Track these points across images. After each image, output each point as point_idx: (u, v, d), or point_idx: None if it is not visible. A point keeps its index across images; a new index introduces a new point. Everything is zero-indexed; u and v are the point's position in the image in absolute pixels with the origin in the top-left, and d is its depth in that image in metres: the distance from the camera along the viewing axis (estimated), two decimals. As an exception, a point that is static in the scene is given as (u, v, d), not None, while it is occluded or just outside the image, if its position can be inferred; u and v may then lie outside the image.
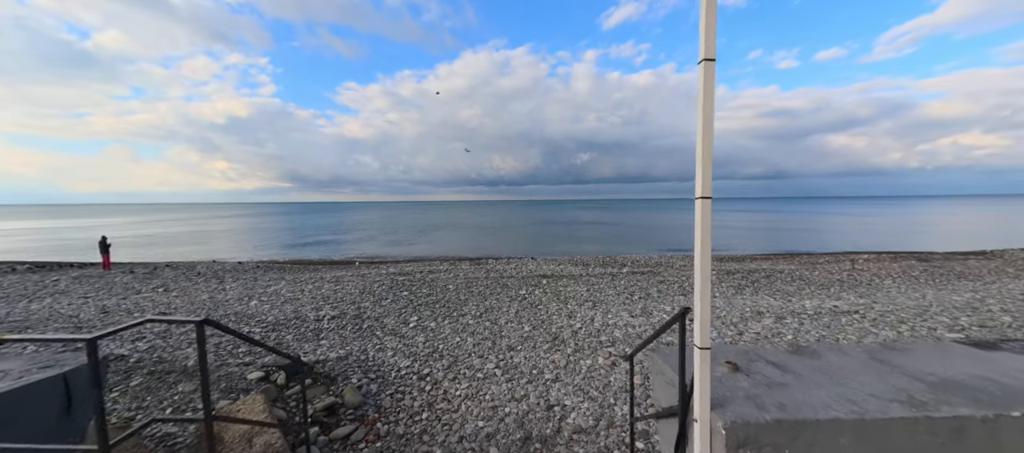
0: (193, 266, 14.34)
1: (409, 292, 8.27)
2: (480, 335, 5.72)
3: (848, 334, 5.16)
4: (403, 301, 7.59)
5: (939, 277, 9.16)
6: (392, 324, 6.28)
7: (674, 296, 7.69)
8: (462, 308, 7.09)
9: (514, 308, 7.01)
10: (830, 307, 6.59)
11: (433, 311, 6.94)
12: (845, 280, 8.97)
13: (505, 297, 7.82)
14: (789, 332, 5.32)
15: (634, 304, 7.13)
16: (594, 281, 9.28)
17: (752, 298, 7.44)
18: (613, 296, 7.74)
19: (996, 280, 8.69)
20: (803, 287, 8.36)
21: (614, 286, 8.67)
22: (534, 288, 8.57)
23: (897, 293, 7.64)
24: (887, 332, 5.20)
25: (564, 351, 5.02)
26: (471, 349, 5.22)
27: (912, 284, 8.45)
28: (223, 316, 6.70)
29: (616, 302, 7.29)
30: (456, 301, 7.57)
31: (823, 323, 5.67)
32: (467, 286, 8.85)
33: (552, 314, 6.59)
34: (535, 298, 7.69)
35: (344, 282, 9.37)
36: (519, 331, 5.82)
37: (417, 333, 5.87)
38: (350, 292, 8.30)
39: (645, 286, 8.63)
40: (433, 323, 6.30)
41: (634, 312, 6.58)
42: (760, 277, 9.46)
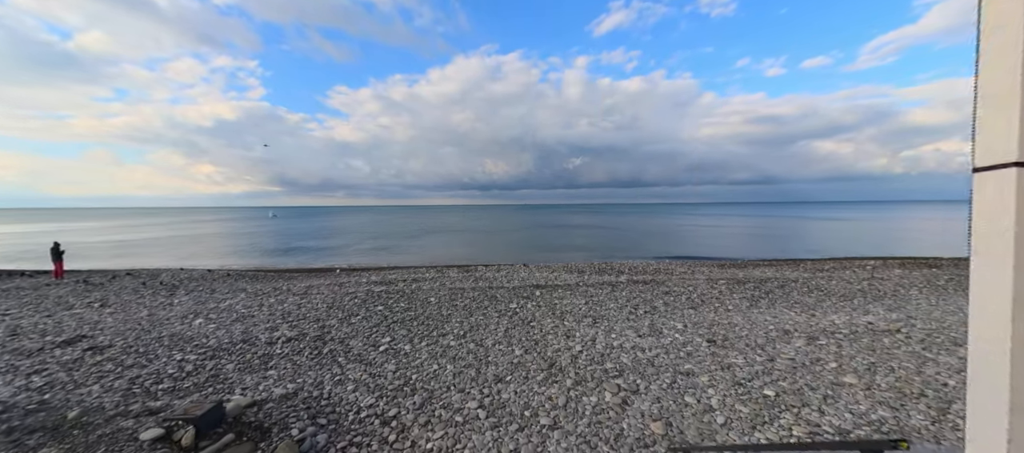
0: (157, 274, 13.18)
1: (385, 306, 7.30)
2: (462, 361, 4.78)
3: (902, 361, 4.33)
4: (376, 317, 6.62)
5: (967, 286, 8.44)
6: (359, 347, 5.32)
7: (683, 310, 6.83)
8: (444, 325, 6.15)
9: (503, 325, 6.09)
10: (864, 324, 5.78)
11: (410, 330, 5.99)
12: (867, 291, 8.20)
13: (494, 312, 6.89)
14: (830, 358, 4.47)
15: (639, 320, 6.25)
16: (592, 292, 8.40)
17: (771, 312, 6.62)
18: (615, 310, 6.86)
19: None
20: (823, 299, 7.57)
21: (614, 298, 7.80)
22: (526, 301, 7.66)
23: (930, 306, 6.87)
24: (946, 357, 4.38)
25: (563, 383, 4.11)
26: (450, 380, 4.29)
27: (941, 294, 7.71)
28: (155, 339, 5.67)
29: (619, 317, 6.40)
30: (437, 317, 6.63)
31: (864, 345, 4.84)
32: (451, 298, 7.90)
33: (547, 333, 5.68)
34: (527, 313, 6.78)
35: (312, 295, 8.36)
36: (508, 356, 4.90)
37: (388, 359, 4.92)
38: (316, 307, 7.31)
39: (649, 298, 7.77)
40: (408, 345, 5.35)
41: (641, 330, 5.70)
42: (773, 286, 8.67)
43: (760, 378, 4.00)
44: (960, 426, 2.97)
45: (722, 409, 3.44)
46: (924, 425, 3.02)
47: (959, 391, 3.54)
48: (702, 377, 4.08)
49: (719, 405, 3.51)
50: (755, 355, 4.62)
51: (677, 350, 4.86)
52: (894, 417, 3.16)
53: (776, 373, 4.10)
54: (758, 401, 3.54)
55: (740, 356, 4.61)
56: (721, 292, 8.17)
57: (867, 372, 4.04)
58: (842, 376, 3.97)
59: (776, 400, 3.54)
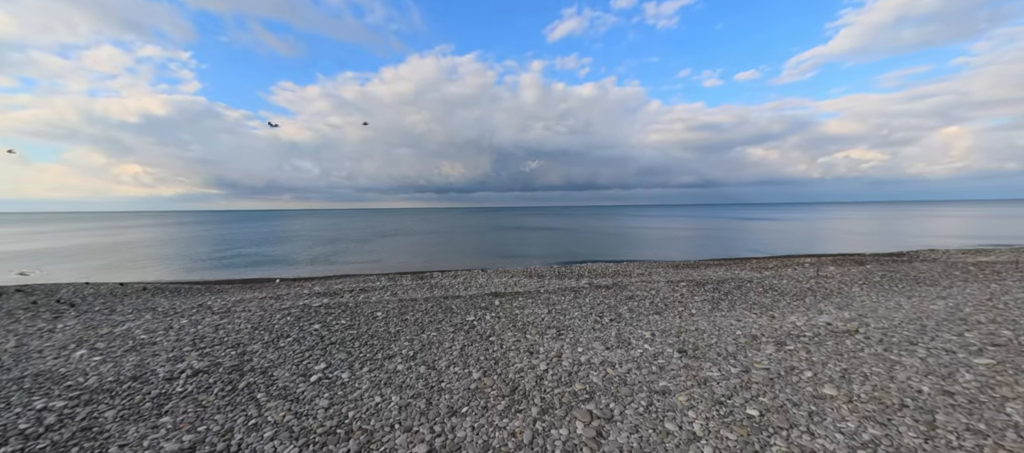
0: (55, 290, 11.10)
1: (322, 324, 6.40)
2: (411, 390, 4.11)
3: (869, 364, 4.25)
4: (311, 339, 5.73)
5: (898, 282, 8.99)
6: (285, 378, 4.46)
7: (648, 316, 6.57)
8: (391, 345, 5.41)
9: (459, 342, 5.46)
10: (823, 324, 5.79)
11: (351, 352, 5.19)
12: (815, 289, 8.45)
13: (448, 326, 6.23)
14: (803, 365, 4.30)
15: (606, 329, 5.88)
16: (554, 299, 7.98)
17: (734, 315, 6.52)
18: (579, 319, 6.45)
19: (950, 284, 8.62)
20: (778, 298, 7.66)
21: (578, 305, 7.42)
22: (485, 311, 7.07)
23: (873, 303, 7.12)
24: (908, 359, 4.35)
25: (527, 413, 3.58)
26: (395, 416, 3.61)
27: (880, 291, 8.09)
28: (12, 381, 4.44)
29: (584, 327, 6.00)
30: (384, 335, 5.86)
31: (831, 349, 4.76)
32: (401, 312, 7.13)
33: (508, 349, 5.13)
34: (486, 326, 6.19)
35: (236, 313, 7.22)
36: (465, 380, 4.29)
37: (320, 391, 4.12)
38: (239, 328, 6.25)
39: (613, 304, 7.47)
40: (347, 373, 4.58)
41: (608, 341, 5.32)
42: (730, 287, 8.72)
43: (739, 394, 3.70)
44: (954, 443, 2.79)
45: (707, 436, 3.06)
46: (918, 444, 2.81)
47: (937, 400, 3.44)
48: (680, 396, 3.72)
49: (703, 431, 3.13)
50: (729, 366, 4.36)
51: (649, 364, 4.50)
52: (885, 435, 2.93)
53: (754, 387, 3.82)
54: (743, 424, 3.20)
55: (714, 368, 4.32)
56: (683, 295, 8.06)
57: (843, 381, 3.88)
58: (820, 387, 3.76)
59: (762, 421, 3.23)
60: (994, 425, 2.99)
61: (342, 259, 22.05)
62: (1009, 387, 3.60)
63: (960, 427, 2.98)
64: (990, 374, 3.89)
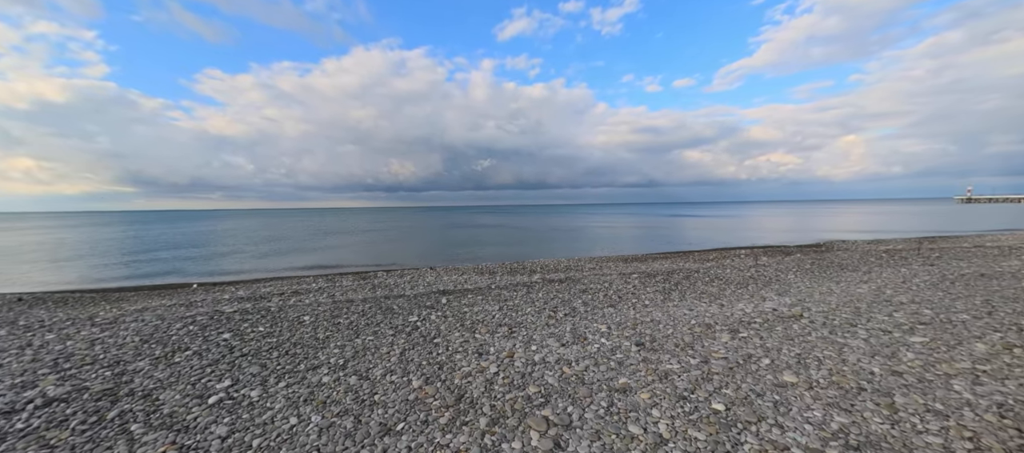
0: None
1: (234, 333, 5.44)
2: (337, 406, 3.45)
3: (820, 348, 4.24)
4: (217, 351, 4.81)
5: (825, 269, 9.60)
6: (175, 402, 3.59)
7: (603, 309, 6.33)
8: (317, 354, 4.66)
9: (399, 346, 4.83)
10: (770, 310, 5.86)
11: (266, 365, 4.37)
12: (756, 277, 8.76)
13: (388, 328, 5.55)
14: (759, 352, 4.20)
15: (560, 325, 5.53)
16: (506, 295, 7.54)
17: (686, 304, 6.47)
18: (532, 315, 6.06)
19: (869, 270, 9.34)
20: (724, 287, 7.80)
21: (531, 301, 7.04)
22: (430, 311, 6.46)
23: (809, 288, 7.45)
24: (853, 340, 4.41)
25: (475, 425, 3.08)
26: (314, 441, 2.95)
27: (812, 277, 8.54)
28: None
29: (538, 324, 5.61)
30: (310, 342, 5.07)
31: (782, 335, 4.74)
32: (334, 315, 6.31)
33: (454, 352, 4.59)
34: (431, 327, 5.59)
35: (123, 325, 5.99)
36: (403, 390, 3.70)
37: (219, 417, 3.34)
38: (123, 342, 5.13)
39: (567, 298, 7.17)
40: (258, 390, 3.80)
41: (563, 337, 4.96)
42: (680, 278, 8.81)
43: (702, 387, 3.47)
44: (919, 427, 2.70)
45: (675, 438, 2.75)
46: (886, 430, 2.68)
47: (889, 380, 3.41)
48: (642, 394, 3.41)
49: (670, 433, 2.82)
50: (688, 357, 4.15)
51: (606, 359, 4.19)
52: (852, 422, 2.79)
53: (716, 379, 3.62)
54: (710, 421, 2.94)
55: (673, 360, 4.09)
56: (635, 287, 7.97)
57: (800, 366, 3.79)
58: (780, 374, 3.64)
59: (729, 416, 2.99)
60: (949, 404, 2.97)
61: (276, 261, 20.10)
62: (948, 364, 3.70)
63: (920, 409, 2.93)
64: (927, 352, 4.00)
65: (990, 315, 5.21)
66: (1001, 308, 5.50)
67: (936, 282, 7.50)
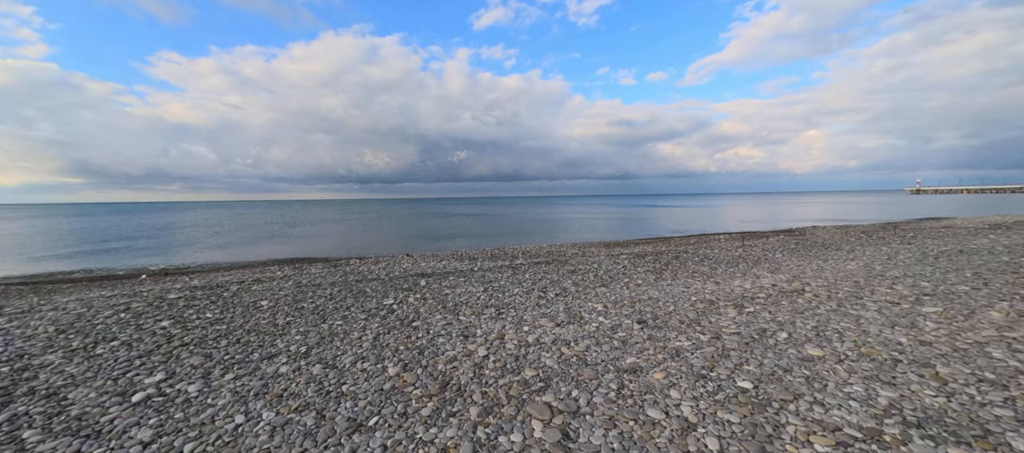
0: None
1: (175, 320, 4.69)
2: (295, 400, 2.85)
3: (834, 320, 3.94)
4: (152, 341, 4.07)
5: (809, 248, 9.57)
6: (87, 401, 2.90)
7: (595, 288, 5.92)
8: (276, 340, 4.01)
9: (372, 330, 4.24)
10: (769, 286, 5.60)
11: (211, 355, 3.70)
12: (745, 257, 8.59)
13: (359, 312, 4.93)
14: (772, 326, 3.86)
15: (552, 304, 5.07)
16: (490, 277, 7.03)
17: (681, 282, 6.14)
18: (521, 296, 5.57)
19: (852, 248, 9.36)
20: (716, 266, 7.56)
21: (517, 282, 6.55)
22: (408, 293, 5.86)
23: (799, 266, 7.30)
24: (867, 313, 4.15)
25: (464, 415, 2.57)
26: (264, 443, 2.36)
27: (799, 256, 8.44)
28: None
29: (528, 304, 5.12)
30: (268, 329, 4.40)
31: (790, 308, 4.44)
32: (297, 298, 5.62)
33: (437, 335, 4.05)
34: (408, 309, 5.01)
35: (39, 313, 5.10)
36: (377, 378, 3.13)
37: (144, 417, 2.68)
38: (32, 333, 4.30)
39: (556, 278, 6.73)
40: (197, 384, 3.14)
41: (557, 317, 4.50)
42: (669, 258, 8.54)
43: (721, 364, 3.08)
44: (979, 398, 2.38)
45: (704, 423, 2.33)
46: (943, 404, 2.34)
47: (922, 351, 3.12)
48: (655, 374, 2.98)
49: (697, 416, 2.39)
50: (697, 334, 3.77)
51: (608, 338, 3.75)
52: (901, 397, 2.45)
53: (733, 355, 3.24)
54: (740, 401, 2.54)
55: (682, 337, 3.70)
56: (625, 267, 7.62)
57: (821, 339, 3.46)
58: (802, 348, 3.29)
59: (759, 395, 2.60)
60: (999, 373, 2.68)
61: (239, 250, 18.79)
62: (972, 332, 3.46)
63: (970, 379, 2.62)
64: (946, 322, 3.77)
65: (986, 286, 5.10)
66: (994, 280, 5.43)
67: (920, 258, 7.50)
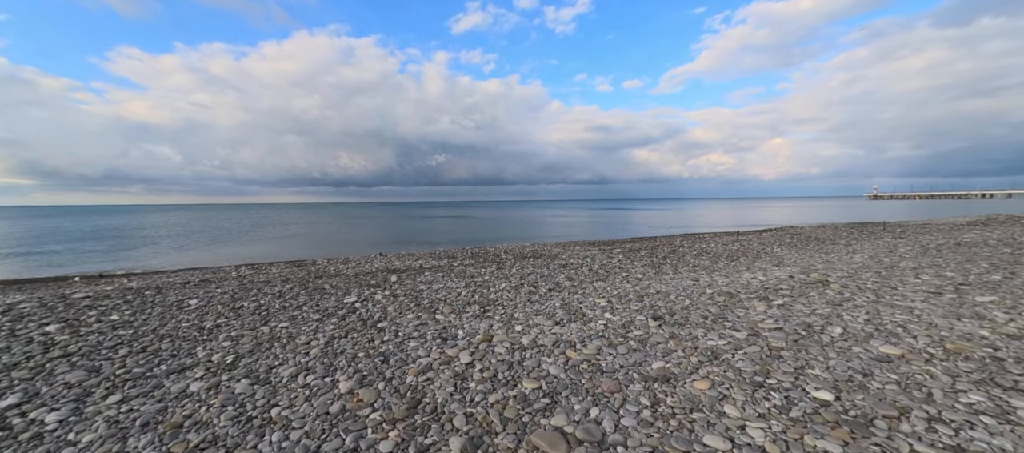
0: None
1: (65, 324, 3.66)
2: (198, 433, 1.97)
3: (886, 313, 3.34)
4: (22, 350, 3.05)
5: (806, 242, 9.20)
6: None
7: (593, 283, 5.20)
8: (195, 349, 3.07)
9: (326, 333, 3.36)
10: (786, 278, 5.01)
11: (99, 368, 2.74)
12: (744, 251, 8.09)
13: (312, 312, 4.03)
14: (817, 320, 3.22)
15: (546, 300, 4.31)
16: (472, 271, 6.22)
17: (686, 275, 5.51)
18: (509, 292, 4.79)
19: (848, 243, 9.04)
20: (716, 260, 6.99)
21: (504, 276, 5.77)
22: (375, 290, 4.97)
23: (802, 259, 6.82)
24: (921, 304, 3.58)
25: (442, 450, 1.77)
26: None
27: (798, 250, 8.00)
28: None
29: (517, 300, 4.35)
30: (190, 333, 3.44)
31: (826, 301, 3.84)
32: (236, 297, 4.64)
33: (407, 337, 3.21)
34: (373, 309, 4.14)
35: None
36: (322, 397, 2.28)
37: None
38: None
39: (547, 273, 5.98)
40: (62, 410, 2.21)
41: (555, 314, 3.74)
42: (665, 252, 7.95)
43: (775, 367, 2.39)
44: None
45: (793, 455, 1.61)
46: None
47: (1018, 345, 2.53)
48: (695, 382, 2.26)
49: (776, 445, 1.68)
50: (729, 330, 3.09)
51: (622, 338, 3.02)
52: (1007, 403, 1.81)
53: (786, 356, 2.56)
54: (827, 419, 1.84)
55: (713, 334, 3.00)
56: (621, 261, 6.96)
57: (885, 334, 2.84)
58: (870, 344, 2.65)
59: (850, 410, 1.91)
60: None
61: (196, 253, 17.20)
62: (1053, 323, 2.92)
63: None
64: (1014, 312, 3.23)
65: (1015, 276, 4.68)
66: (1021, 270, 5.03)
67: (921, 251, 7.16)
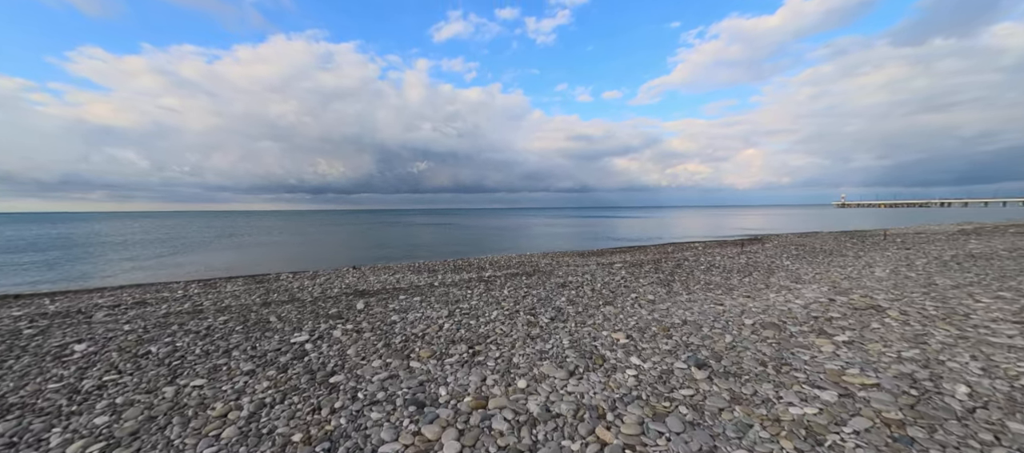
0: None
1: None
2: None
3: (995, 353, 2.62)
4: None
5: (814, 254, 8.66)
6: None
7: (599, 309, 4.38)
8: (49, 430, 2.07)
9: (254, 396, 2.39)
10: (826, 301, 4.31)
11: None
12: (755, 265, 7.44)
13: (244, 359, 3.03)
14: (916, 370, 2.47)
15: (552, 336, 3.44)
16: (456, 293, 5.30)
17: (702, 297, 4.75)
18: (503, 323, 3.90)
19: (858, 255, 8.56)
20: (729, 276, 6.28)
21: (493, 300, 4.88)
22: (334, 323, 3.99)
23: (821, 274, 6.20)
24: (1017, 340, 2.89)
25: None
26: None
27: (811, 263, 7.41)
28: None
29: (513, 335, 3.46)
30: (52, 399, 2.42)
31: (902, 336, 3.11)
32: (144, 339, 3.59)
33: (369, 402, 2.29)
34: (329, 352, 3.18)
35: None
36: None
37: None
38: None
39: (543, 294, 5.11)
40: None
41: (563, 357, 2.88)
42: (670, 266, 7.22)
43: None
44: None
45: None
46: None
47: None
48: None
49: None
50: (804, 385, 2.29)
51: (665, 401, 2.19)
52: None
53: (919, 439, 1.78)
54: None
55: (788, 394, 2.20)
56: (625, 278, 6.17)
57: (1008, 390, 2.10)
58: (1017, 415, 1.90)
59: None
60: None
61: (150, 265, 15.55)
62: None
63: None
64: None
65: (1076, 295, 4.11)
66: (1071, 287, 4.49)
67: (942, 264, 6.66)
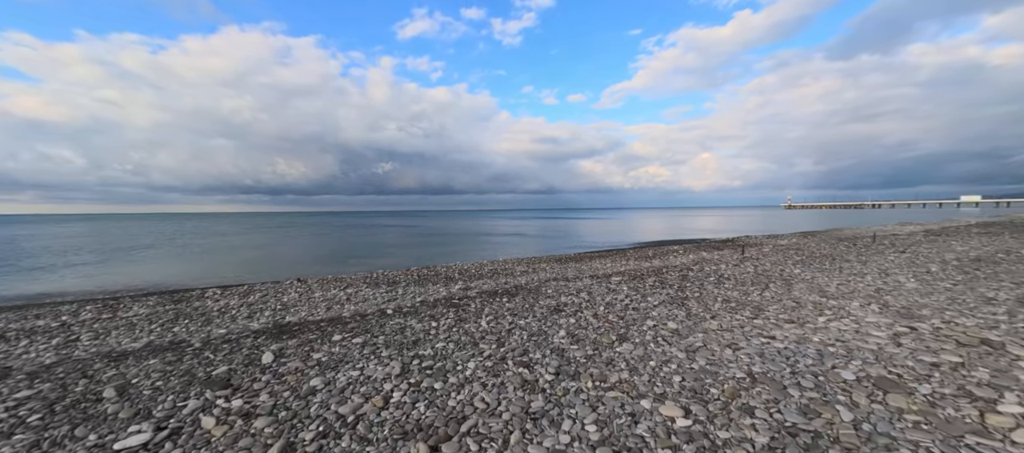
0: None
1: None
2: None
3: None
4: None
5: (817, 260, 7.97)
6: None
7: (613, 348, 3.19)
8: None
9: None
10: (906, 328, 3.34)
11: None
12: (769, 275, 6.51)
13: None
14: None
15: (565, 417, 2.22)
16: (416, 327, 3.94)
17: (729, 319, 3.69)
18: (483, 387, 2.61)
19: (865, 262, 7.94)
20: (747, 292, 5.29)
21: (467, 335, 3.57)
22: (213, 400, 2.57)
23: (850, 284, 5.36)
24: None
25: None
26: None
27: (820, 270, 6.62)
28: None
29: (501, 414, 2.21)
30: None
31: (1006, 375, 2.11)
32: None
33: None
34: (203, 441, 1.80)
35: None
36: None
37: None
38: None
39: (536, 326, 3.85)
40: None
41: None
42: (676, 279, 6.18)
43: None
44: None
45: None
46: None
47: None
48: None
49: None
50: None
51: None
52: None
53: None
54: None
55: None
56: (630, 296, 5.03)
57: None
58: None
59: None
60: None
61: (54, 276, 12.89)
62: None
63: None
64: None
65: None
66: None
67: (963, 267, 6.04)
